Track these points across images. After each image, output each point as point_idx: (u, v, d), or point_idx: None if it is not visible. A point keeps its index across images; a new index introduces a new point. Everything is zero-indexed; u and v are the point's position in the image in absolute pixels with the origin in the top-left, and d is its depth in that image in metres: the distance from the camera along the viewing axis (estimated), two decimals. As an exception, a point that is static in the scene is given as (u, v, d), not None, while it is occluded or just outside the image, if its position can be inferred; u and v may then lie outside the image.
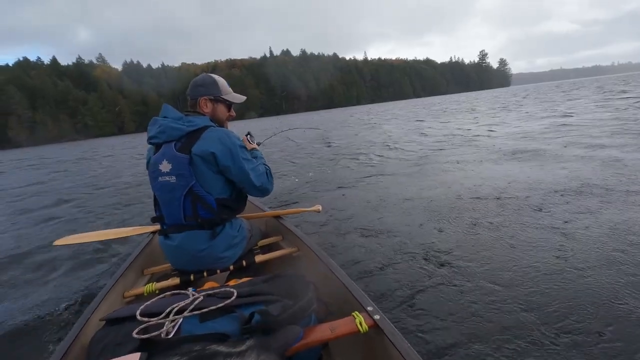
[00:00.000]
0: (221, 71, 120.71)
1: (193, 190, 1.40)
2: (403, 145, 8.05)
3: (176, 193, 1.40)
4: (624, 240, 2.17)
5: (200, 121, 1.44)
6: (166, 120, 1.43)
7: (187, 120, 1.43)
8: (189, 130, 1.40)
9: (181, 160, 1.38)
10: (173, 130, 1.41)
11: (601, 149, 5.01)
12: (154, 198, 1.51)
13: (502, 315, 1.59)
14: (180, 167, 1.38)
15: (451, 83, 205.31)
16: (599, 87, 28.65)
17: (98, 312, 1.19)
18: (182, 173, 1.38)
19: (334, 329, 0.94)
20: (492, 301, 1.71)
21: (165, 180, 1.41)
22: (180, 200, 1.41)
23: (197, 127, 1.41)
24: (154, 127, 1.45)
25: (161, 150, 1.43)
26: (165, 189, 1.43)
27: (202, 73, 1.64)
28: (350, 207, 3.64)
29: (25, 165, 17.65)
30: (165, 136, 1.42)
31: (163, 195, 1.44)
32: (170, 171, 1.39)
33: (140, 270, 1.70)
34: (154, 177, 1.45)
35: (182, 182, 1.39)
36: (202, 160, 1.38)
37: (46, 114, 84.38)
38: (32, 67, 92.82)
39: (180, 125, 1.41)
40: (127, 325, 0.87)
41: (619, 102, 13.11)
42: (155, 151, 1.47)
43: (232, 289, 0.97)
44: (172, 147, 1.40)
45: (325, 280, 1.31)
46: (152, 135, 1.45)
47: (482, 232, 2.58)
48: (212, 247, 1.47)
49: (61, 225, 4.38)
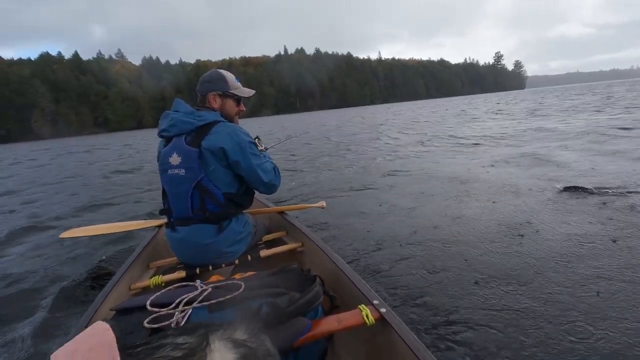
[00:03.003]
0: (236, 69, 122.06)
1: (201, 183, 1.42)
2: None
3: (185, 186, 1.43)
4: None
5: (210, 116, 1.46)
6: (177, 114, 1.45)
7: (197, 114, 1.45)
8: (199, 125, 1.42)
9: (191, 154, 1.40)
10: (184, 123, 1.43)
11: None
12: (162, 191, 1.54)
13: (512, 310, 1.56)
14: (190, 160, 1.40)
15: (466, 84, 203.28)
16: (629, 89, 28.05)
17: (106, 303, 1.21)
18: (191, 166, 1.40)
19: (340, 321, 0.95)
20: (501, 295, 1.67)
21: (175, 173, 1.43)
22: (189, 193, 1.43)
23: (207, 122, 1.43)
24: (165, 121, 1.47)
25: (171, 143, 1.45)
26: (174, 182, 1.45)
27: (212, 69, 1.66)
28: (355, 203, 3.61)
29: (66, 153, 18.20)
30: (176, 130, 1.44)
31: (172, 188, 1.47)
32: (180, 164, 1.41)
33: (146, 264, 1.71)
34: (164, 169, 1.47)
35: (191, 175, 1.41)
36: (212, 154, 1.40)
37: (69, 107, 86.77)
38: (55, 61, 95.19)
39: (191, 119, 1.43)
40: (137, 315, 0.90)
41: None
42: (165, 144, 1.49)
43: (240, 282, 1.00)
44: (182, 141, 1.42)
45: (330, 275, 1.33)
46: (163, 128, 1.48)
47: (497, 228, 2.50)
48: (217, 241, 1.48)
49: (79, 212, 4.50)
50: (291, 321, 0.88)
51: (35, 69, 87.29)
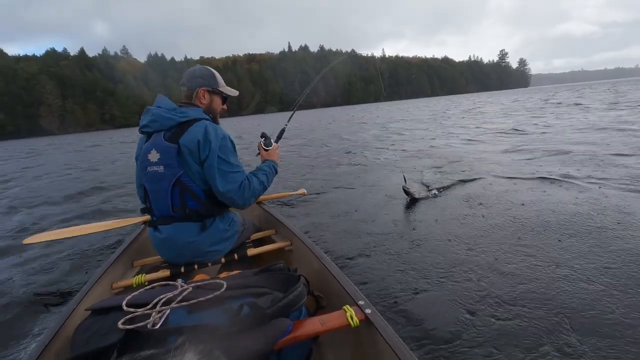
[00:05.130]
0: (241, 65, 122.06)
1: (181, 180, 1.39)
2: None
3: (164, 183, 1.40)
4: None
5: (193, 113, 1.43)
6: (159, 110, 1.42)
7: (180, 111, 1.42)
8: (180, 121, 1.40)
9: (169, 150, 1.37)
10: (164, 120, 1.40)
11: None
12: (143, 189, 1.49)
13: (495, 310, 1.56)
14: (168, 156, 1.37)
15: (470, 82, 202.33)
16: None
17: (84, 302, 1.17)
18: (170, 163, 1.37)
19: (324, 323, 0.93)
20: (485, 295, 1.68)
21: (154, 170, 1.40)
22: (168, 191, 1.40)
23: (188, 119, 1.41)
24: (147, 116, 1.44)
25: (151, 139, 1.42)
26: (154, 179, 1.42)
27: (197, 65, 1.64)
28: (348, 201, 3.62)
29: (85, 147, 18.28)
30: (157, 125, 1.41)
31: (151, 185, 1.43)
32: (159, 161, 1.38)
33: (130, 262, 1.67)
34: (143, 167, 1.44)
35: (170, 172, 1.38)
36: (188, 150, 1.37)
37: (76, 103, 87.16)
38: (62, 57, 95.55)
39: (172, 115, 1.41)
40: (113, 315, 0.87)
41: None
42: (146, 141, 1.46)
43: (222, 281, 0.97)
44: (162, 137, 1.40)
45: (317, 274, 1.31)
46: (144, 124, 1.44)
47: (483, 227, 2.54)
48: (201, 239, 1.46)
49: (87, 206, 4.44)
50: (273, 322, 0.86)
51: (43, 65, 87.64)
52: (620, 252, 2.00)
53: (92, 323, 0.88)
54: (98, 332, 0.83)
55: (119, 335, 0.76)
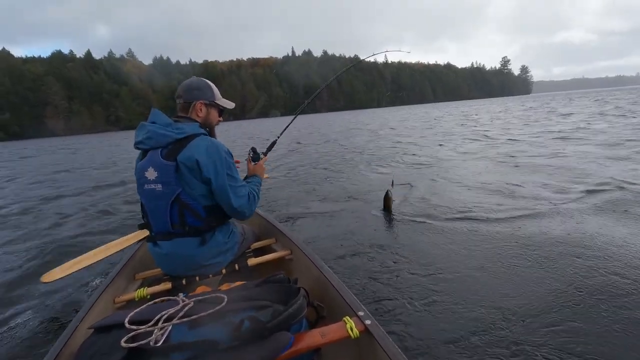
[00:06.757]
0: (245, 69, 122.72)
1: (180, 198, 1.37)
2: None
3: (162, 201, 1.37)
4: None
5: (189, 128, 1.39)
6: (154, 126, 1.38)
7: (176, 127, 1.38)
8: (177, 138, 1.36)
9: (167, 168, 1.34)
10: (160, 136, 1.36)
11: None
12: (141, 204, 1.48)
13: (497, 323, 1.54)
14: (166, 175, 1.34)
15: (473, 89, 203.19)
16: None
17: (87, 319, 1.17)
18: (168, 181, 1.35)
19: (324, 335, 0.93)
20: (486, 308, 1.66)
21: (151, 188, 1.37)
22: (167, 209, 1.38)
23: (185, 135, 1.37)
24: (141, 132, 1.40)
25: (147, 157, 1.38)
26: (151, 197, 1.39)
27: (193, 76, 1.61)
28: (356, 209, 3.56)
29: (105, 146, 18.20)
30: (152, 142, 1.37)
31: (149, 202, 1.42)
32: (156, 179, 1.35)
33: (132, 275, 1.66)
34: (140, 183, 1.41)
35: (168, 190, 1.35)
36: (187, 168, 1.34)
37: (82, 105, 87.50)
38: (69, 59, 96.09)
39: (168, 131, 1.36)
40: (115, 333, 0.86)
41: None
42: (142, 157, 1.43)
43: (223, 295, 0.97)
44: (158, 154, 1.36)
45: (317, 284, 1.31)
46: (139, 140, 1.40)
47: (484, 240, 2.47)
48: (200, 253, 1.45)
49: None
50: (274, 336, 0.86)
51: (49, 67, 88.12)
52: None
53: (95, 341, 0.88)
54: (101, 350, 0.83)
55: (122, 354, 0.76)
